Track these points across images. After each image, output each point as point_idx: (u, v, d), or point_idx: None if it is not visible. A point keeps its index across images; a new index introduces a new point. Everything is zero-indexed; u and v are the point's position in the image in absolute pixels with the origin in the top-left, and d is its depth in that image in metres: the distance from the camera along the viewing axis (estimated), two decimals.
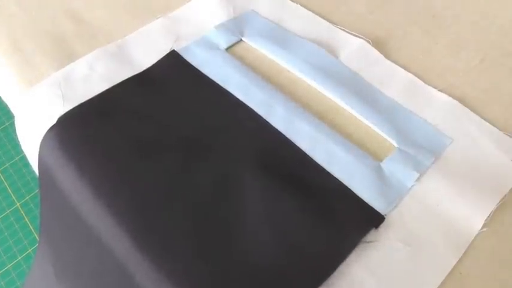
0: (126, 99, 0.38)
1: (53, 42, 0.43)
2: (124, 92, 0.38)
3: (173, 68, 0.40)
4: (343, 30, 0.42)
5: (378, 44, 0.41)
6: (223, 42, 0.41)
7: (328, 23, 0.43)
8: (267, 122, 0.36)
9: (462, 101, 0.37)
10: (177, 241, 0.30)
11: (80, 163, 0.34)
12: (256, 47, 0.41)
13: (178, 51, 0.41)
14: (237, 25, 0.43)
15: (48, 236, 0.37)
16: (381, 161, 0.34)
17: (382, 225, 0.31)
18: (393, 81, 0.39)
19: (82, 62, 0.41)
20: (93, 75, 0.40)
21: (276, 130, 0.35)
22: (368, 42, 0.41)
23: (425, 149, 0.34)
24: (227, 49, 0.41)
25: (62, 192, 0.35)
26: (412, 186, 0.32)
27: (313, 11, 0.44)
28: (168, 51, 0.41)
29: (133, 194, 0.32)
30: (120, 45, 0.43)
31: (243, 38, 0.42)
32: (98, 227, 0.32)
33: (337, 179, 0.33)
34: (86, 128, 0.36)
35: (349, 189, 0.32)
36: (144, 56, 0.41)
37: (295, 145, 0.34)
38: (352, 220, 0.31)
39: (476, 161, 0.34)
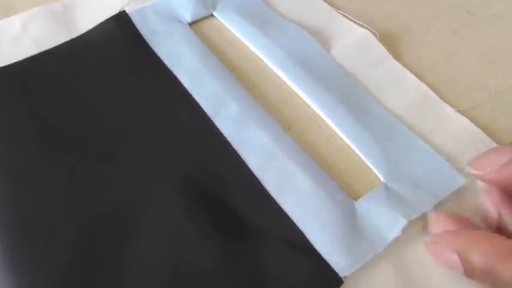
0: (47, 71, 0.29)
1: None
2: (47, 61, 0.30)
3: (116, 35, 0.31)
4: (346, 16, 0.32)
5: (387, 39, 0.31)
6: (188, 14, 0.32)
7: (328, 6, 0.33)
8: (212, 122, 0.26)
9: (487, 130, 0.26)
10: (44, 262, 0.21)
11: None
12: (228, 25, 0.32)
13: (129, 14, 0.32)
14: None
15: None
16: (357, 199, 0.24)
17: None
18: (398, 89, 0.29)
19: (15, 20, 0.33)
20: (24, 38, 0.32)
21: (221, 135, 0.26)
22: (374, 34, 0.31)
23: (423, 189, 0.24)
24: (191, 24, 0.32)
25: None
26: (395, 239, 0.22)
27: None
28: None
29: (12, 191, 0.24)
30: (68, 5, 0.34)
31: (214, 13, 0.33)
32: None
33: (287, 215, 0.23)
34: None
35: (300, 231, 0.22)
36: (93, 21, 0.33)
37: (242, 160, 0.25)
38: (292, 277, 0.21)
39: None
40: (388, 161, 0.25)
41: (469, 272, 0.19)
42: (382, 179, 0.25)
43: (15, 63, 0.30)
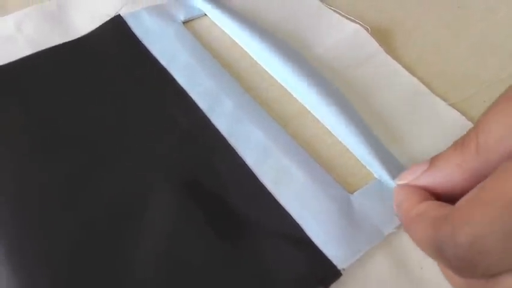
0: (42, 72, 0.30)
1: None
2: (44, 62, 0.30)
3: (112, 37, 0.31)
4: (336, 11, 0.33)
5: (379, 34, 0.31)
6: (181, 14, 0.33)
7: (319, 2, 0.34)
8: (208, 119, 0.27)
9: None
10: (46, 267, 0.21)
11: None
12: (220, 24, 0.32)
13: (124, 17, 0.32)
14: None
15: None
16: (353, 192, 0.24)
17: (335, 284, 0.21)
18: (390, 84, 0.29)
19: (9, 20, 0.33)
20: (19, 38, 0.32)
21: (217, 132, 0.26)
22: (366, 29, 0.31)
23: None
24: (185, 23, 0.33)
25: None
26: (390, 234, 0.23)
27: None
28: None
29: (8, 190, 0.24)
30: (61, 4, 0.34)
31: (207, 13, 0.33)
32: None
33: (284, 209, 0.23)
34: None
35: (298, 225, 0.23)
36: (86, 20, 0.33)
37: (238, 156, 0.25)
38: (291, 270, 0.21)
39: None
40: (379, 156, 0.25)
41: (402, 222, 0.19)
42: (375, 175, 0.25)
43: (10, 63, 0.30)
